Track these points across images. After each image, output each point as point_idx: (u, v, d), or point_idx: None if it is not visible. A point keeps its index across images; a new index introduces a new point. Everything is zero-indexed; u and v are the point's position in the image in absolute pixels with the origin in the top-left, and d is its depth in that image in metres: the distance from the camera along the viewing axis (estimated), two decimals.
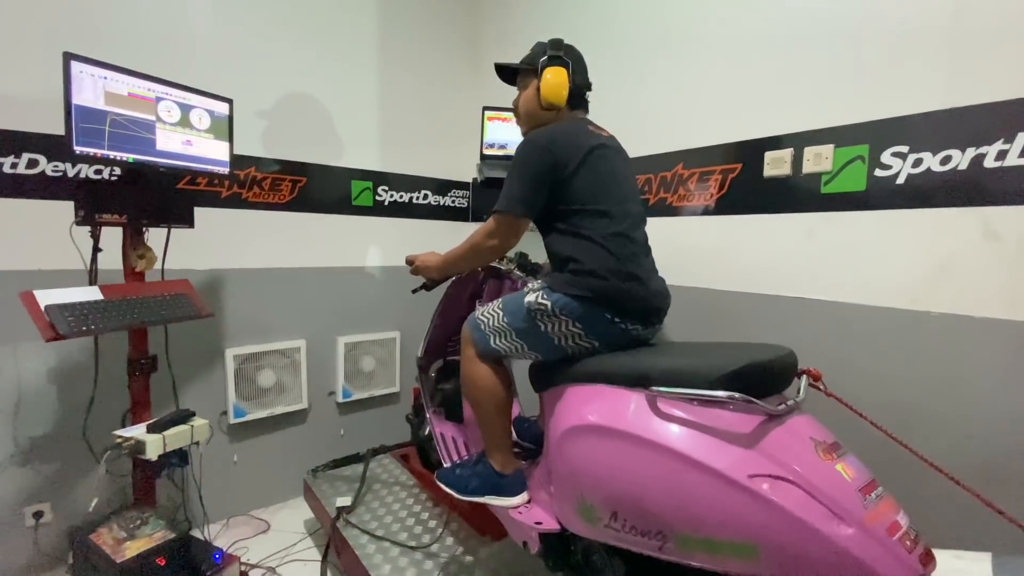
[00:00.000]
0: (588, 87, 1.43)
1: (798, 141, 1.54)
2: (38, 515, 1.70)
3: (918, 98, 1.32)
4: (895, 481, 1.18)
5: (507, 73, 1.49)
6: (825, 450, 0.94)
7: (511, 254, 1.68)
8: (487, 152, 2.13)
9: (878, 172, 1.39)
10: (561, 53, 1.34)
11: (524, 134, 1.45)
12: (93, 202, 1.45)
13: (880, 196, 1.39)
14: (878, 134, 1.39)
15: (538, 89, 1.35)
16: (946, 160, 1.28)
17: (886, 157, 1.38)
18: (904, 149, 1.35)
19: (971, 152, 1.24)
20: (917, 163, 1.33)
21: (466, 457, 1.64)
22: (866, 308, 1.43)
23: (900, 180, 1.36)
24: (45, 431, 1.72)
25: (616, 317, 1.23)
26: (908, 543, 0.85)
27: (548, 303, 1.25)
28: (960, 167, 1.26)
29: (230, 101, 1.70)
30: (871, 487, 0.91)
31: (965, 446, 1.26)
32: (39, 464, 1.71)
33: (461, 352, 1.42)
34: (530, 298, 1.29)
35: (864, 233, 1.43)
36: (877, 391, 1.39)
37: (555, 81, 1.32)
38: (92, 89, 1.34)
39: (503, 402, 1.36)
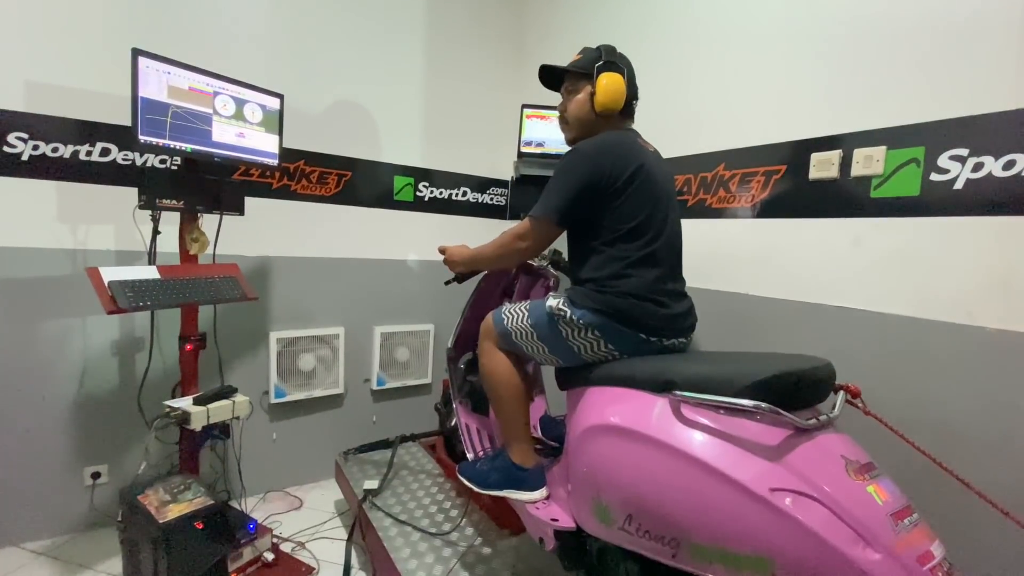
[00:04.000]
0: (636, 97, 1.40)
1: (847, 142, 1.46)
2: (96, 475, 1.85)
3: (981, 98, 1.23)
4: (938, 509, 1.12)
5: (552, 76, 1.45)
6: (857, 470, 0.90)
7: (545, 251, 1.68)
8: (524, 150, 2.15)
9: (934, 176, 1.31)
10: (616, 60, 1.33)
11: (569, 141, 1.43)
12: (154, 188, 1.56)
13: (935, 202, 1.31)
14: (935, 136, 1.30)
15: (592, 95, 1.32)
16: (1009, 165, 1.19)
17: (943, 160, 1.29)
18: (964, 152, 1.26)
19: None
20: (977, 167, 1.24)
21: (488, 450, 1.66)
22: (915, 321, 1.34)
23: (958, 185, 1.27)
24: (106, 398, 1.87)
25: (637, 331, 1.23)
26: (940, 575, 0.80)
27: (567, 311, 1.26)
28: None
29: (281, 96, 1.79)
30: (905, 513, 0.86)
31: (1015, 472, 1.17)
32: (99, 428, 1.86)
33: (479, 344, 1.44)
34: (551, 303, 1.30)
35: (916, 241, 1.35)
36: (923, 410, 1.30)
37: (612, 87, 1.29)
38: (156, 83, 1.45)
39: (520, 392, 1.37)
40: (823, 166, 1.51)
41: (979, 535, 1.20)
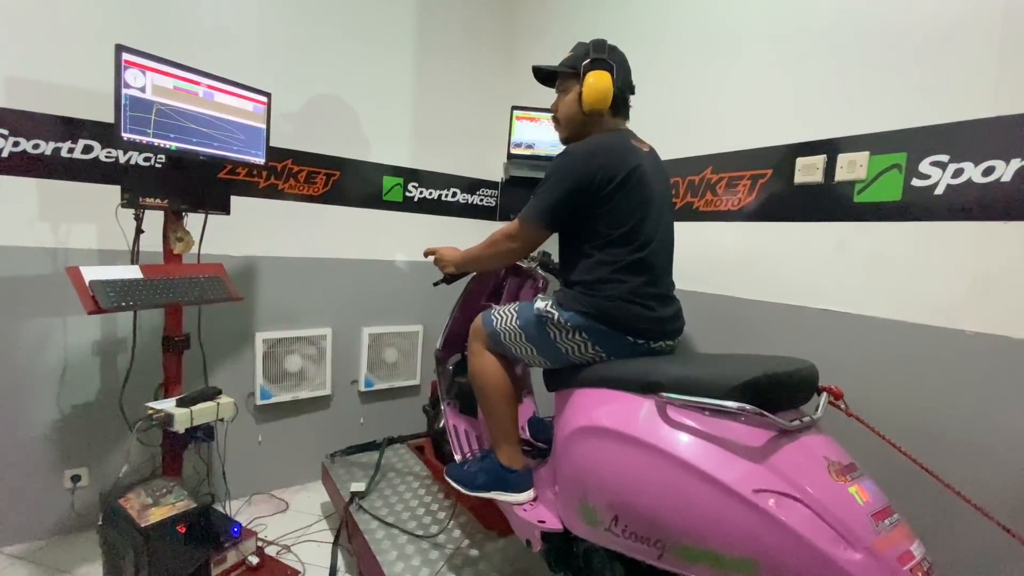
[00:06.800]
0: (631, 91, 1.36)
1: (832, 147, 1.49)
2: (76, 478, 1.82)
3: (961, 105, 1.25)
4: (920, 510, 1.13)
5: (546, 76, 1.43)
6: (839, 471, 0.92)
7: (534, 252, 1.69)
8: (514, 151, 2.15)
9: (915, 182, 1.33)
10: (604, 55, 1.28)
11: (563, 140, 1.42)
12: (138, 186, 1.54)
13: (917, 207, 1.33)
14: (917, 142, 1.33)
15: (580, 94, 1.29)
16: (989, 171, 1.21)
17: (924, 166, 1.31)
18: (944, 158, 1.28)
19: (1016, 163, 1.17)
20: (957, 173, 1.26)
21: (476, 452, 1.66)
22: (897, 324, 1.37)
23: (939, 191, 1.29)
24: (86, 399, 1.84)
25: (624, 334, 1.23)
26: (920, 575, 0.81)
27: (555, 313, 1.26)
28: (1004, 179, 1.19)
29: (268, 95, 1.78)
30: (885, 513, 0.88)
31: (999, 476, 1.19)
32: (79, 430, 1.83)
33: (469, 345, 1.44)
34: (539, 305, 1.30)
35: (898, 245, 1.37)
36: (905, 412, 1.33)
37: (598, 86, 1.26)
38: (141, 80, 1.43)
39: (509, 394, 1.37)
40: (808, 171, 1.53)
41: (959, 535, 1.22)
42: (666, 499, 0.96)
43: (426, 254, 1.62)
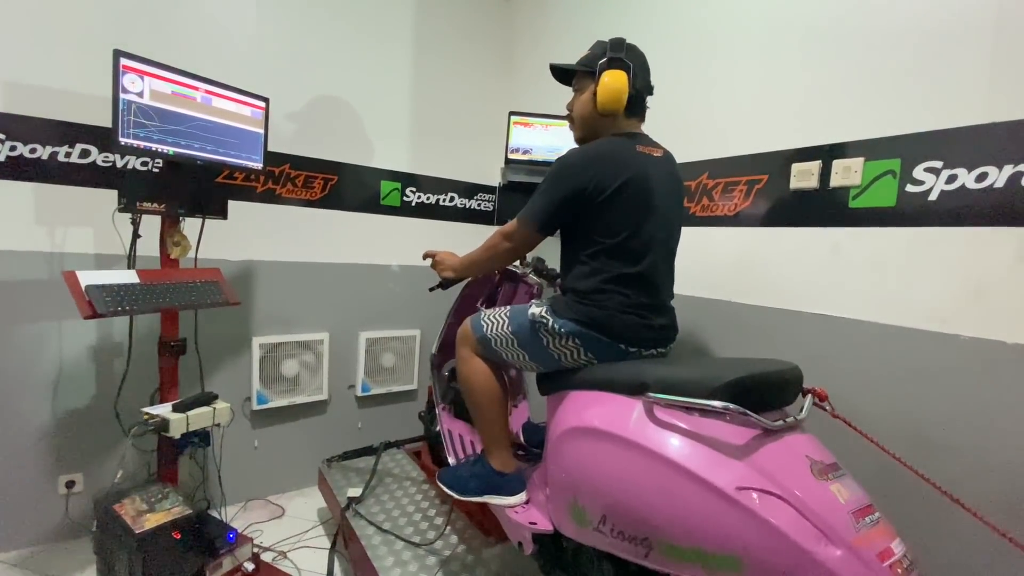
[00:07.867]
0: (649, 92, 1.34)
1: (827, 153, 1.49)
2: (70, 484, 1.81)
3: (954, 112, 1.26)
4: (907, 509, 1.13)
5: (563, 74, 1.41)
6: (821, 470, 0.93)
7: (528, 258, 1.70)
8: (511, 156, 2.16)
9: (909, 188, 1.34)
10: (622, 55, 1.25)
11: (577, 140, 1.40)
12: (135, 191, 1.54)
13: (911, 213, 1.34)
14: (911, 148, 1.33)
15: (595, 93, 1.27)
16: (982, 177, 1.22)
17: (918, 172, 1.32)
18: (938, 164, 1.29)
19: (1009, 169, 1.18)
20: (951, 179, 1.27)
21: (471, 456, 1.65)
22: (891, 328, 1.37)
23: (932, 197, 1.30)
24: (81, 404, 1.83)
25: (617, 342, 1.24)
26: (900, 571, 0.82)
27: (549, 320, 1.26)
28: (997, 185, 1.20)
29: (266, 100, 1.78)
30: (866, 511, 0.89)
31: (988, 479, 1.19)
32: (74, 435, 1.82)
33: (457, 350, 1.44)
34: (533, 311, 1.30)
35: (893, 250, 1.37)
36: (897, 415, 1.33)
37: (614, 86, 1.23)
38: (138, 85, 1.43)
39: (499, 399, 1.37)
40: (803, 176, 1.54)
41: (950, 533, 1.22)
42: (652, 497, 0.97)
43: (425, 257, 1.62)
